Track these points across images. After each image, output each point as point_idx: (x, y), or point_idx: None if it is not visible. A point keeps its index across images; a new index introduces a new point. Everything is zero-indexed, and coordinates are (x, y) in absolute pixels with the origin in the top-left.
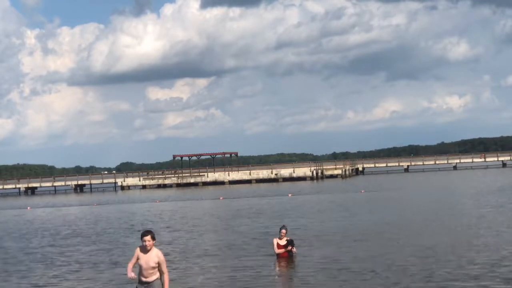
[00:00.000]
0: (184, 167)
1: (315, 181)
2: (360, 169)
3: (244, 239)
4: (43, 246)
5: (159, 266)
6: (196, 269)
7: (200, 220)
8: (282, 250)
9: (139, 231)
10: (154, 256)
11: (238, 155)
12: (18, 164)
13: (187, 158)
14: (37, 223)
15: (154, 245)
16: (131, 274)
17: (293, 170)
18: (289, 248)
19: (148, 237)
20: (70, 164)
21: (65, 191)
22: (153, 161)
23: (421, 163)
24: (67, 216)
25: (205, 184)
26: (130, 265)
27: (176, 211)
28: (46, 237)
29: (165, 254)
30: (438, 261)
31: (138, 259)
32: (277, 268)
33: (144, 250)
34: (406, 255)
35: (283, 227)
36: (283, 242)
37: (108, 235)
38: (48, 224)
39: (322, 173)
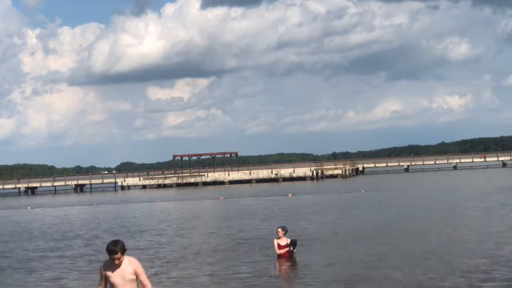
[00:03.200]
0: (184, 167)
1: (315, 181)
2: (360, 169)
3: (243, 239)
4: (25, 249)
5: (137, 277)
6: (194, 271)
7: (199, 220)
8: (283, 250)
9: (130, 233)
10: (129, 266)
11: (238, 155)
12: (18, 164)
13: (187, 158)
14: (26, 224)
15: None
16: None
17: (293, 170)
18: (291, 249)
19: (117, 255)
20: (70, 164)
21: (65, 191)
22: (153, 161)
23: (421, 163)
24: (60, 217)
25: (205, 184)
26: None
27: (175, 211)
28: (32, 240)
29: (160, 257)
30: (436, 263)
31: (107, 277)
32: (277, 269)
33: (113, 265)
34: (405, 256)
35: (279, 226)
36: (283, 241)
37: (97, 239)
38: (38, 225)
39: (322, 173)
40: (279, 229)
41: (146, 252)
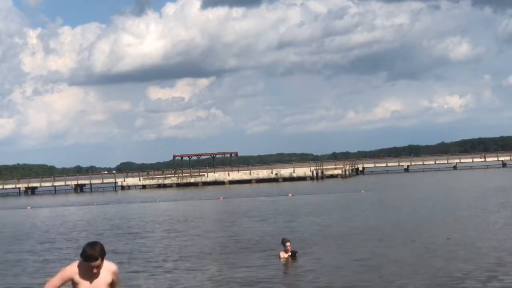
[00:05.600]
0: (184, 167)
1: (315, 181)
2: (360, 169)
3: (243, 240)
4: (9, 252)
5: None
6: (194, 273)
7: (197, 221)
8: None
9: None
10: (107, 275)
11: (238, 155)
12: (18, 164)
13: (187, 158)
14: (16, 226)
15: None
16: None
17: (293, 170)
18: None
19: (97, 262)
20: (70, 164)
21: (65, 191)
22: (153, 161)
23: (421, 163)
24: (53, 218)
25: (205, 184)
26: None
27: (174, 212)
28: (18, 242)
29: (152, 260)
30: (435, 266)
31: (75, 284)
32: (274, 275)
33: (89, 274)
34: (404, 256)
35: (287, 240)
36: (287, 254)
37: (84, 241)
38: (28, 226)
39: (322, 173)
40: (288, 244)
41: (134, 255)
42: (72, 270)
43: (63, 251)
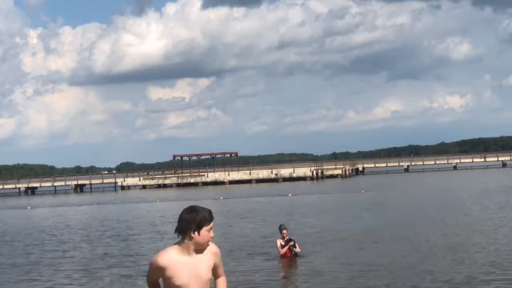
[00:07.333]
0: (184, 167)
1: (315, 181)
2: (360, 169)
3: (240, 241)
4: None
5: (215, 272)
6: None
7: None
8: (285, 249)
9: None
10: (209, 256)
11: (238, 155)
12: (18, 164)
13: (187, 158)
14: (6, 226)
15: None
16: None
17: (293, 170)
18: (291, 243)
19: (211, 225)
20: (70, 164)
21: (65, 191)
22: (153, 161)
23: (421, 163)
24: (47, 218)
25: (205, 184)
26: None
27: (175, 212)
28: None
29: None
30: (432, 270)
31: (167, 277)
32: (280, 271)
33: (189, 252)
34: (402, 259)
35: (284, 227)
36: (284, 241)
37: (69, 245)
38: (16, 228)
39: (322, 173)
40: (285, 231)
41: (129, 258)
42: (163, 258)
43: (50, 254)
